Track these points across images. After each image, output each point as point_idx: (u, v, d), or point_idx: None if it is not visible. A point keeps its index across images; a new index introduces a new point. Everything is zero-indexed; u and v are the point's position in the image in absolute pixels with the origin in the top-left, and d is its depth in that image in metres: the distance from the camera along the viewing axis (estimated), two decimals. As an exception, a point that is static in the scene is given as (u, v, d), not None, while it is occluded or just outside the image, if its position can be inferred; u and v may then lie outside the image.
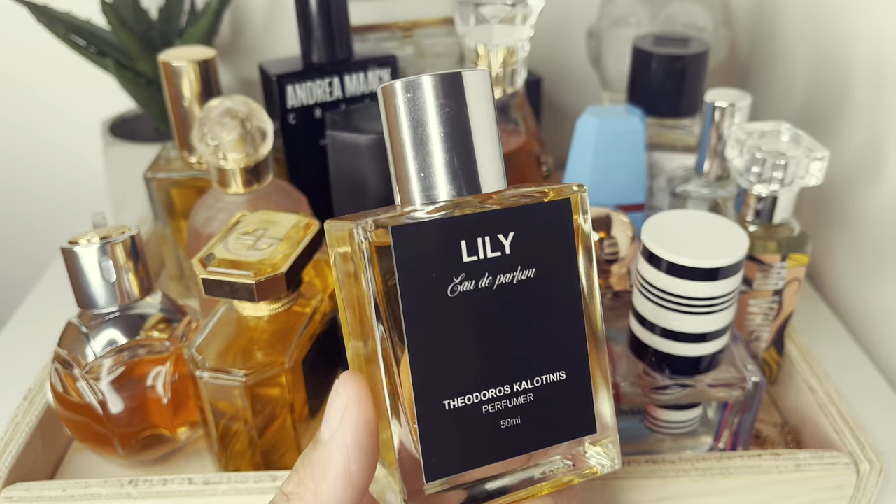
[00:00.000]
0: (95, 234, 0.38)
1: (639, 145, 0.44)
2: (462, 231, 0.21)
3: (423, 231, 0.21)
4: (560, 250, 0.23)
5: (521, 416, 0.22)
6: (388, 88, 0.22)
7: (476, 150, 0.22)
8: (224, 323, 0.39)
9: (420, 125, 0.22)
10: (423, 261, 0.21)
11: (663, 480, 0.36)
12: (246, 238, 0.38)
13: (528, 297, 0.22)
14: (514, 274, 0.22)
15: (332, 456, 0.22)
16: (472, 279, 0.22)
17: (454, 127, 0.22)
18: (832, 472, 0.36)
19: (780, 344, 0.44)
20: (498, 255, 0.22)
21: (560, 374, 0.23)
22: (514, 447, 0.23)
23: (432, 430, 0.22)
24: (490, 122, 0.23)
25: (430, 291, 0.21)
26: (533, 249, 0.22)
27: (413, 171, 0.22)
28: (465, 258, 0.21)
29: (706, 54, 0.48)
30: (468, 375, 0.22)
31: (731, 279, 0.34)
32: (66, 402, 0.39)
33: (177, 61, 0.48)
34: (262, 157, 0.44)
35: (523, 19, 0.45)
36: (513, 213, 0.22)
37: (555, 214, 0.22)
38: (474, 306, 0.22)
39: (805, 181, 0.39)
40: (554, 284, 0.22)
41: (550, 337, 0.23)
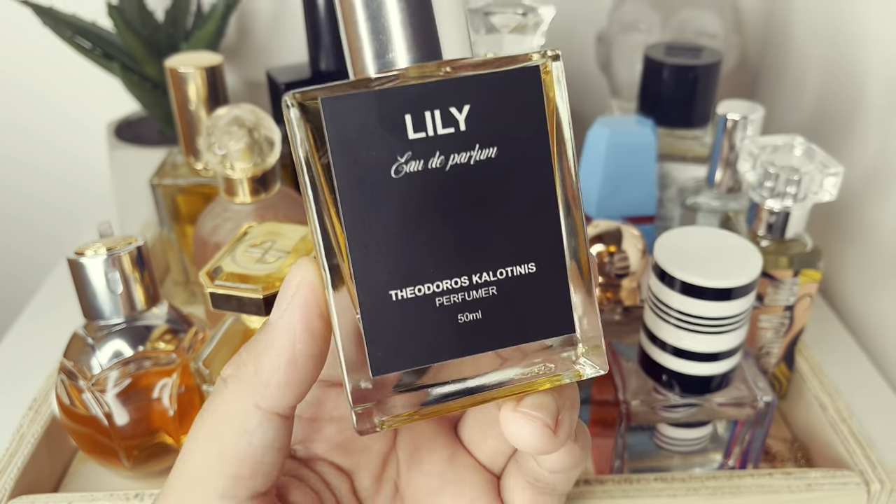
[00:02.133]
0: (102, 244, 0.38)
1: (650, 157, 0.44)
2: (407, 103, 0.19)
3: (360, 103, 0.19)
4: (527, 127, 0.20)
5: (483, 311, 0.20)
6: None
7: (434, 11, 0.20)
8: (231, 335, 0.38)
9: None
10: (362, 137, 0.19)
11: (672, 499, 0.35)
12: (253, 251, 0.37)
13: (490, 180, 0.20)
14: (470, 153, 0.20)
15: (277, 335, 0.21)
16: (419, 158, 0.19)
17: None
18: (843, 491, 0.36)
19: (791, 359, 0.44)
20: (451, 131, 0.19)
21: (529, 266, 0.20)
22: (474, 344, 0.20)
23: (377, 322, 0.20)
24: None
25: (371, 171, 0.19)
26: (494, 125, 0.20)
27: (362, 35, 0.20)
28: (412, 135, 0.19)
29: (718, 65, 0.48)
30: (418, 264, 0.20)
31: (745, 299, 0.33)
32: (71, 413, 0.38)
33: (184, 67, 0.47)
34: (269, 166, 0.43)
35: (534, 28, 0.44)
36: (468, 83, 0.19)
37: (520, 85, 0.20)
38: (424, 188, 0.19)
39: (819, 197, 0.39)
40: (520, 166, 0.20)
41: (517, 225, 0.20)
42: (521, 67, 0.20)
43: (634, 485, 0.36)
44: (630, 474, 0.36)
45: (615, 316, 0.41)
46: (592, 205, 0.45)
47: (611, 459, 0.38)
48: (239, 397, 0.21)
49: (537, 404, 0.21)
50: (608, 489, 0.36)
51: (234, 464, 0.21)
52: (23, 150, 0.72)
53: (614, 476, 0.36)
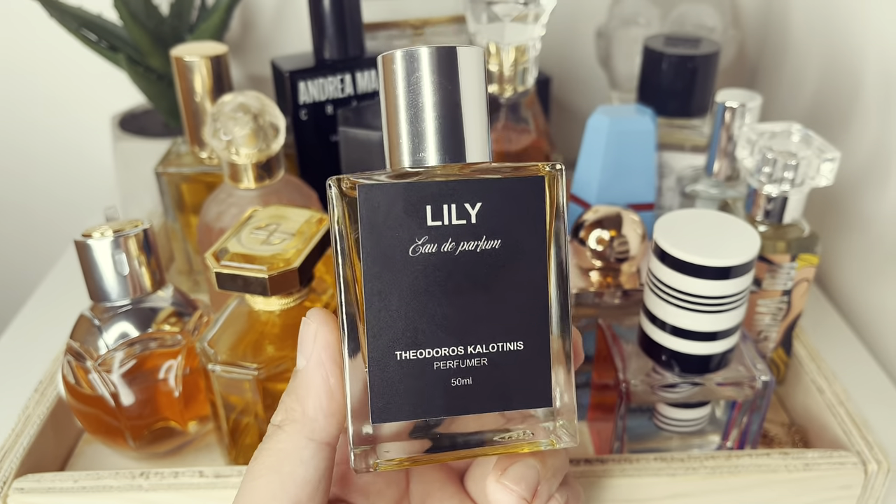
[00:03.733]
0: (108, 227, 0.38)
1: (650, 145, 0.45)
2: (429, 196, 0.23)
3: (390, 192, 0.23)
4: (529, 225, 0.23)
5: (473, 378, 0.23)
6: (387, 57, 0.24)
7: (463, 122, 0.24)
8: (236, 317, 0.39)
9: (412, 95, 0.23)
10: (387, 219, 0.23)
11: (672, 478, 0.36)
12: (259, 233, 0.38)
13: (491, 267, 0.23)
14: (477, 243, 0.23)
15: (312, 376, 0.24)
16: (434, 242, 0.23)
17: (444, 99, 0.23)
18: (840, 471, 0.36)
19: (789, 344, 0.44)
20: (463, 222, 0.23)
21: (517, 343, 0.24)
22: (463, 406, 0.23)
23: (382, 377, 0.23)
24: (479, 97, 0.24)
25: (392, 248, 0.23)
26: (500, 221, 0.23)
27: (401, 136, 0.24)
28: (430, 222, 0.23)
29: (717, 55, 0.49)
30: (422, 331, 0.23)
31: (743, 278, 0.34)
32: (77, 393, 0.39)
33: (189, 56, 0.48)
34: (273, 152, 0.44)
35: (535, 18, 0.45)
36: (482, 185, 0.23)
37: (525, 190, 0.23)
38: (435, 268, 0.23)
39: (816, 182, 0.39)
40: (519, 257, 0.23)
41: (510, 307, 0.23)
42: (528, 178, 0.23)
43: (634, 464, 0.36)
44: (630, 454, 0.37)
45: (615, 300, 0.41)
46: (592, 193, 0.46)
47: (611, 441, 0.39)
48: (294, 435, 0.24)
49: (518, 476, 0.24)
50: (608, 468, 0.36)
51: (296, 490, 0.24)
52: (28, 141, 0.73)
53: (614, 455, 0.37)
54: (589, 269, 0.41)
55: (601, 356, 0.40)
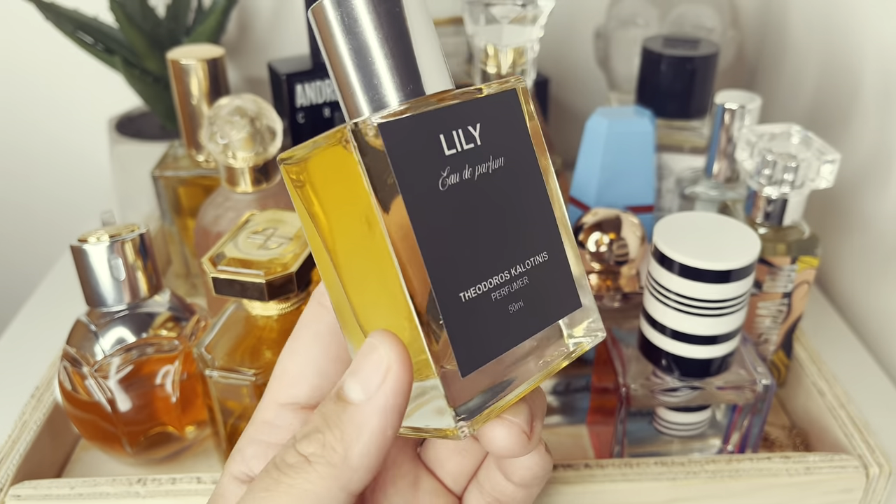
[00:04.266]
0: (104, 231, 0.38)
1: (648, 147, 0.44)
2: (439, 125, 0.22)
3: (408, 126, 0.21)
4: (518, 138, 0.23)
5: (524, 299, 0.23)
6: (317, 8, 0.22)
7: (417, 53, 0.22)
8: (233, 322, 0.38)
9: (356, 36, 0.22)
10: (414, 157, 0.21)
11: (672, 482, 0.36)
12: (256, 237, 0.38)
13: (503, 185, 0.23)
14: (488, 164, 0.23)
15: (369, 419, 0.21)
16: (456, 172, 0.22)
17: (393, 33, 0.22)
18: (841, 475, 0.36)
19: (789, 346, 0.44)
20: (472, 146, 0.22)
21: (543, 254, 0.24)
22: (525, 330, 0.23)
23: (457, 325, 0.22)
24: (428, 24, 0.23)
25: (426, 187, 0.21)
26: (498, 138, 0.23)
27: (360, 81, 0.22)
28: (447, 151, 0.22)
29: (716, 56, 0.48)
30: (473, 266, 0.22)
31: (743, 281, 0.34)
32: (74, 400, 0.39)
33: (185, 59, 0.48)
34: (271, 156, 0.44)
35: (533, 20, 0.44)
36: (474, 105, 0.22)
37: (506, 104, 0.23)
38: (462, 198, 0.22)
39: (815, 184, 0.39)
40: (520, 170, 0.23)
41: (528, 220, 0.23)
42: (507, 91, 0.23)
43: (635, 468, 0.36)
44: (630, 458, 0.37)
45: (614, 303, 0.41)
46: (591, 195, 0.45)
47: (611, 445, 0.38)
48: (326, 480, 0.21)
49: (513, 411, 0.23)
50: (608, 473, 0.36)
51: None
52: (25, 144, 0.72)
53: (614, 460, 0.36)
54: (588, 271, 0.41)
55: (601, 359, 0.40)
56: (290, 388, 0.25)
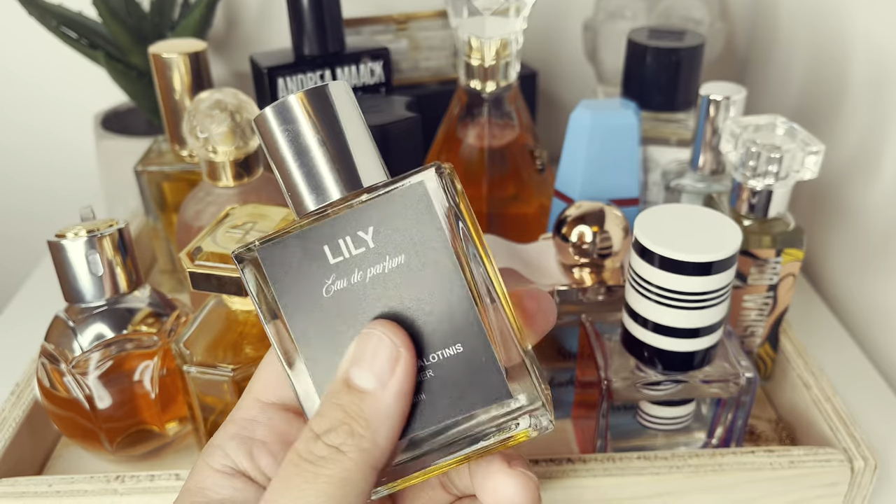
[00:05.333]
0: (83, 227, 0.38)
1: (633, 140, 0.44)
2: (323, 238, 0.23)
3: (286, 246, 0.23)
4: (424, 230, 0.23)
5: (425, 393, 0.23)
6: (259, 118, 0.24)
7: (352, 152, 0.24)
8: (213, 317, 0.38)
9: (278, 150, 0.23)
10: (294, 271, 0.23)
11: (655, 477, 0.35)
12: (234, 231, 0.37)
13: (404, 282, 0.23)
14: (383, 264, 0.23)
15: (390, 405, 0.22)
16: (343, 277, 0.23)
17: (307, 142, 0.23)
18: (826, 468, 0.36)
19: (775, 339, 0.43)
20: (363, 250, 0.23)
21: (455, 347, 0.23)
22: (427, 421, 0.23)
23: None
24: (351, 125, 0.24)
25: (306, 297, 0.23)
26: (396, 236, 0.23)
27: (296, 185, 0.24)
28: (332, 260, 0.23)
29: (702, 47, 0.48)
30: None
31: (725, 273, 0.33)
32: (52, 396, 0.38)
33: (167, 53, 0.47)
34: (252, 150, 0.43)
35: (517, 11, 0.44)
36: (366, 209, 0.23)
37: (408, 199, 0.23)
38: (352, 300, 0.23)
39: (800, 175, 0.39)
40: (428, 265, 0.23)
41: (437, 313, 0.23)
42: (406, 188, 0.23)
43: (617, 463, 0.36)
44: (613, 453, 0.36)
45: (598, 296, 0.41)
46: (576, 188, 0.45)
47: (594, 439, 0.38)
48: (360, 465, 0.22)
49: (526, 463, 0.24)
50: (591, 468, 0.36)
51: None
52: (9, 140, 0.72)
53: (597, 455, 0.36)
54: (572, 265, 0.41)
55: (584, 353, 0.39)
56: (278, 390, 0.26)
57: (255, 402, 0.26)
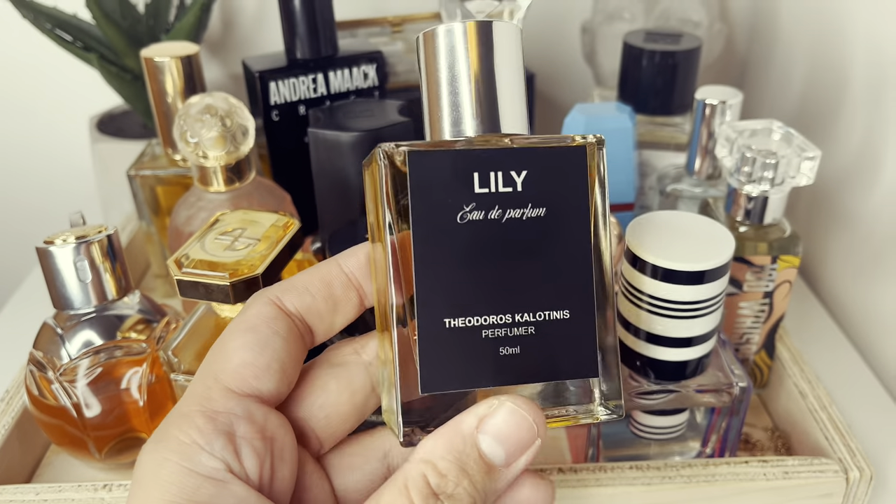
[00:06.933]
0: (72, 233, 0.38)
1: (628, 144, 0.43)
2: (475, 163, 0.23)
3: (438, 159, 0.23)
4: (572, 194, 0.23)
5: (521, 347, 0.23)
6: (427, 33, 0.24)
7: (500, 94, 0.24)
8: (202, 324, 0.38)
9: (451, 68, 0.24)
10: (436, 187, 0.23)
11: (647, 487, 0.35)
12: (223, 238, 0.37)
13: (537, 234, 0.23)
14: (523, 210, 0.23)
15: (507, 480, 0.23)
16: (481, 209, 0.23)
17: (482, 71, 0.24)
18: (821, 479, 0.35)
19: (772, 347, 0.43)
20: (509, 190, 0.23)
21: (564, 312, 0.23)
22: (511, 375, 0.23)
23: (431, 346, 0.23)
24: (516, 71, 0.24)
25: (440, 215, 0.23)
26: (545, 189, 0.23)
27: (442, 109, 0.24)
28: (477, 189, 0.23)
29: (698, 51, 0.47)
30: (470, 299, 0.23)
31: (717, 282, 0.33)
32: (40, 404, 0.38)
33: (159, 57, 0.47)
34: (243, 154, 0.43)
35: (511, 15, 0.44)
36: (528, 153, 0.23)
37: (568, 159, 0.23)
38: (482, 235, 0.23)
39: (796, 181, 0.38)
40: (564, 226, 0.23)
41: (557, 275, 0.23)
42: (571, 147, 0.24)
43: (609, 473, 0.35)
44: (605, 462, 0.36)
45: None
46: (571, 192, 0.45)
47: (585, 448, 0.38)
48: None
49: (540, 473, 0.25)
50: (582, 477, 0.35)
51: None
52: (5, 144, 0.72)
53: (589, 465, 0.36)
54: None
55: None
56: (254, 381, 0.24)
57: (226, 391, 0.23)
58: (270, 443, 0.23)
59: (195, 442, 0.22)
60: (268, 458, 0.23)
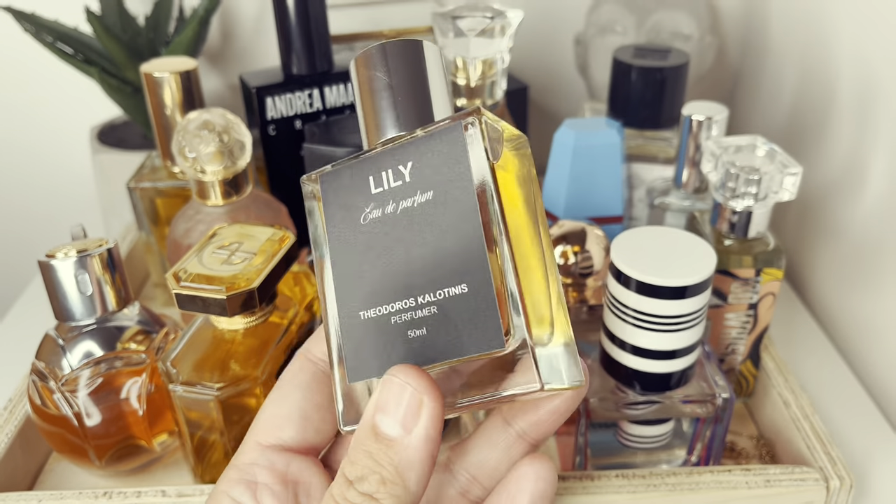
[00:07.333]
0: (73, 246, 0.39)
1: (616, 158, 0.44)
2: (368, 168, 0.25)
3: (340, 174, 0.26)
4: (455, 170, 0.24)
5: (427, 328, 0.24)
6: (351, 64, 0.27)
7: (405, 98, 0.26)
8: (200, 335, 0.39)
9: (362, 87, 0.27)
10: (342, 198, 0.26)
11: (632, 495, 0.36)
12: (220, 252, 0.38)
13: (428, 217, 0.24)
14: (413, 198, 0.24)
15: (417, 450, 0.23)
16: (379, 207, 0.25)
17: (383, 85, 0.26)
18: (801, 487, 0.36)
19: (757, 357, 0.44)
20: (399, 183, 0.25)
21: (461, 287, 0.23)
22: (420, 357, 0.24)
23: (351, 338, 0.25)
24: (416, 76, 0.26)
25: (348, 222, 0.26)
26: (429, 174, 0.24)
27: (366, 121, 0.27)
28: (373, 190, 0.25)
29: (686, 66, 0.48)
30: (378, 290, 0.25)
31: (700, 297, 0.34)
32: (43, 413, 0.39)
33: (158, 72, 0.48)
34: (240, 169, 0.44)
35: (502, 31, 0.45)
36: (411, 145, 0.25)
37: (445, 139, 0.24)
38: (382, 230, 0.25)
39: (779, 196, 0.39)
40: (451, 203, 0.24)
41: (451, 252, 0.24)
42: (447, 128, 0.24)
43: (595, 481, 0.36)
44: (591, 471, 0.37)
45: (581, 315, 0.41)
46: (560, 206, 0.46)
47: (572, 456, 0.39)
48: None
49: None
50: (569, 485, 0.36)
51: None
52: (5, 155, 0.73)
53: (576, 472, 0.37)
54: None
55: (565, 372, 0.40)
56: (275, 431, 0.28)
57: (255, 445, 0.28)
58: (294, 486, 0.27)
59: (223, 490, 0.27)
60: (292, 499, 0.27)
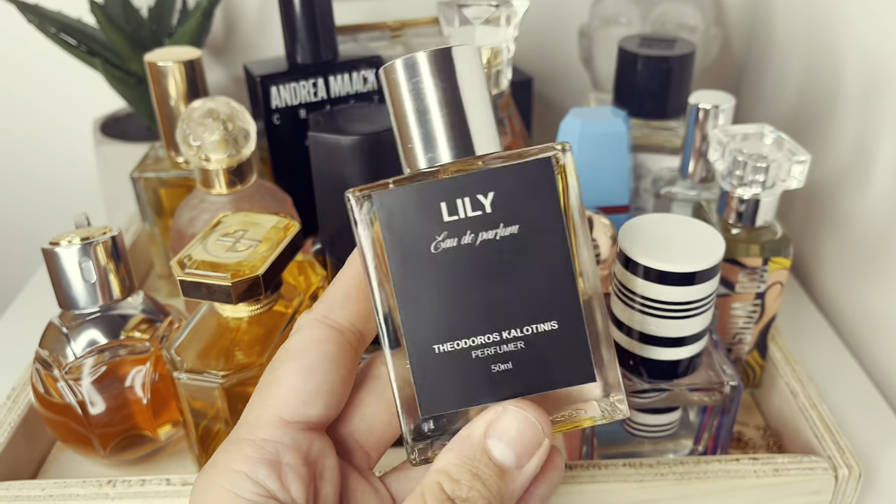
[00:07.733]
0: (77, 234, 0.38)
1: (622, 147, 0.44)
2: (441, 194, 0.24)
3: (403, 195, 0.24)
4: (543, 206, 0.24)
5: (513, 362, 0.24)
6: (388, 67, 0.25)
7: (467, 117, 0.24)
8: (204, 323, 0.39)
9: (415, 99, 0.24)
10: (406, 222, 0.24)
11: (640, 484, 0.36)
12: (225, 240, 0.38)
13: (514, 252, 0.24)
14: (496, 231, 0.24)
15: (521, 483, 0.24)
16: (454, 237, 0.24)
17: (446, 98, 0.24)
18: (810, 476, 0.36)
19: (764, 347, 0.44)
20: (479, 213, 0.24)
21: (551, 324, 0.24)
22: (507, 389, 0.24)
23: (424, 372, 0.24)
24: (479, 91, 0.25)
25: (414, 248, 0.24)
26: (514, 207, 0.24)
27: (413, 139, 0.25)
28: (446, 218, 0.24)
29: (692, 55, 0.48)
30: (456, 323, 0.24)
31: (708, 283, 0.33)
32: (46, 402, 0.39)
33: (162, 61, 0.48)
34: (244, 157, 0.44)
35: (507, 20, 0.44)
36: (491, 174, 0.24)
37: (535, 173, 0.24)
38: (458, 261, 0.24)
39: (786, 184, 0.39)
40: (539, 239, 0.24)
41: (539, 288, 0.24)
42: (535, 161, 0.24)
43: (602, 470, 0.36)
44: (598, 460, 0.37)
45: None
46: (567, 195, 0.45)
47: (579, 446, 0.38)
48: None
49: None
50: (576, 474, 0.36)
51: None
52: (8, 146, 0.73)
53: (583, 462, 0.36)
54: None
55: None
56: (301, 407, 0.25)
57: (276, 420, 0.25)
58: (314, 466, 0.25)
59: (241, 470, 0.24)
60: (312, 481, 0.25)
